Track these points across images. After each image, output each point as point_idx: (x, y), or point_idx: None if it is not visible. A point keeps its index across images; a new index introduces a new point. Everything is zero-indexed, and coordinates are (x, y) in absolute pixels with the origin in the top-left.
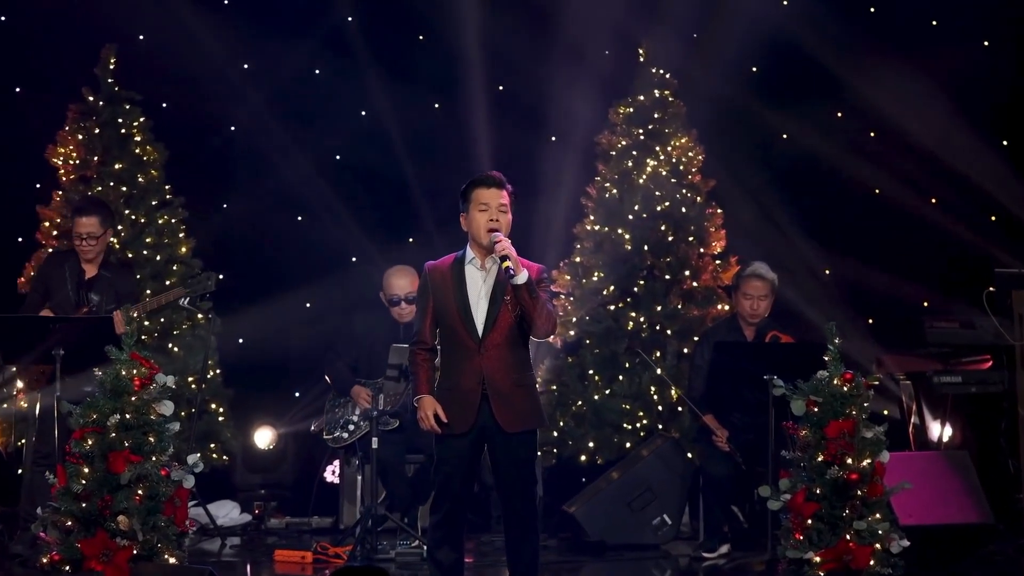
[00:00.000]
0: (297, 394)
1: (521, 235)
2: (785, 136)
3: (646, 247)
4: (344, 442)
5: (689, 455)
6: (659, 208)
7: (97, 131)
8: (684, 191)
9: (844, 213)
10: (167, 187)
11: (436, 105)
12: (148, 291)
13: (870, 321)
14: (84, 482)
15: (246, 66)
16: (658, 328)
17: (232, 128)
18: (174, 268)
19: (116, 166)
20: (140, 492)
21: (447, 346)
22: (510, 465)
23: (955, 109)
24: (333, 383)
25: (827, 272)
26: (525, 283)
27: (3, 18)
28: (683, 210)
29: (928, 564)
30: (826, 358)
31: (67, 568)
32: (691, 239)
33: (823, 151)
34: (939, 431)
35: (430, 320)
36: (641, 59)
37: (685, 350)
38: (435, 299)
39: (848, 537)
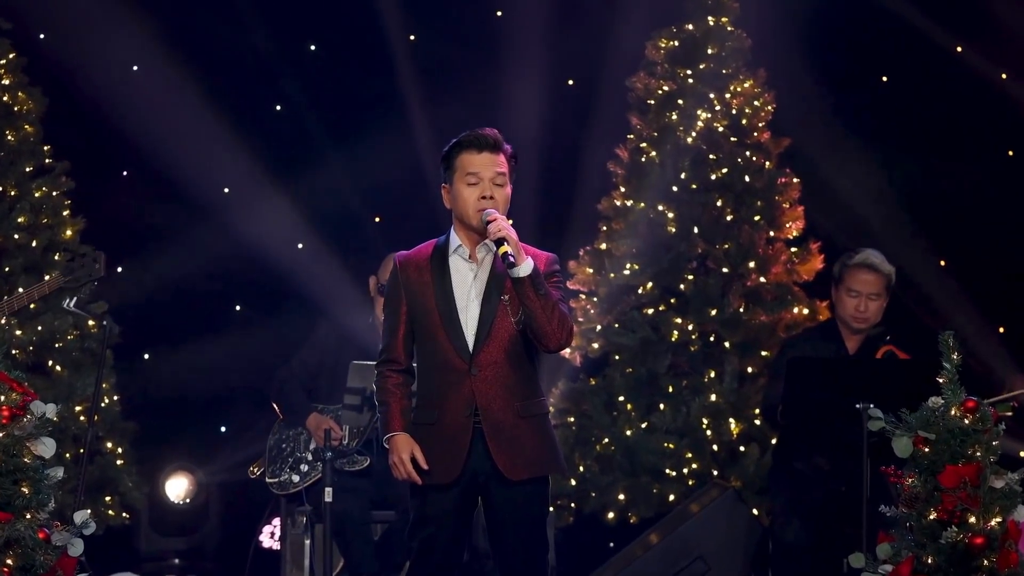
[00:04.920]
0: (223, 429)
1: (525, 213)
2: (885, 79)
3: (696, 229)
4: (295, 487)
5: (755, 511)
6: (714, 176)
7: None
8: (748, 153)
9: (966, 185)
10: (46, 148)
11: (411, 37)
12: (20, 288)
13: (1001, 330)
14: None
15: None
16: (712, 339)
17: (135, 68)
18: (55, 257)
19: None
20: (10, 562)
21: (426, 366)
22: (513, 525)
23: None
24: (283, 411)
25: (942, 264)
26: (530, 275)
27: None
28: (746, 179)
29: None
30: (941, 380)
31: None
32: (757, 218)
33: (936, 98)
34: None
35: (404, 331)
36: None
37: (749, 368)
38: (410, 303)
39: None
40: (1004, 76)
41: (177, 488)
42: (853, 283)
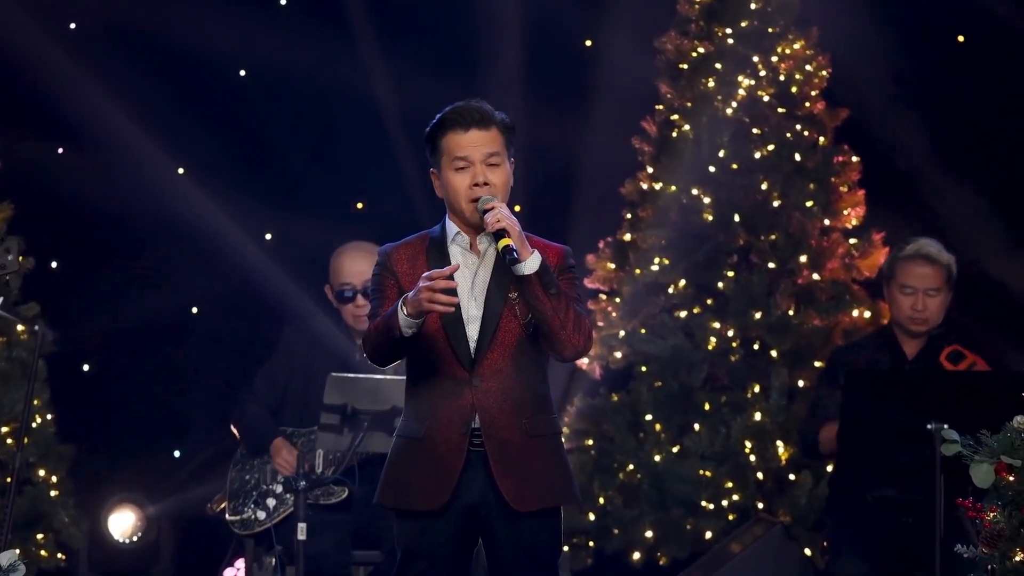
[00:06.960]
0: (177, 453)
1: (533, 198)
2: (961, 39)
3: (737, 217)
4: (261, 525)
5: (807, 551)
6: (758, 155)
7: None
8: (798, 127)
9: None
10: None
11: None
12: None
13: None
14: None
15: None
16: (757, 347)
17: (72, 26)
18: None
19: None
20: None
21: (420, 372)
22: (519, 565)
23: None
24: (243, 435)
25: None
26: (537, 272)
27: None
28: (797, 157)
29: None
30: None
31: None
32: (809, 204)
33: (1016, 64)
34: None
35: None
36: None
37: (800, 382)
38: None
39: None
40: None
41: (122, 524)
42: (907, 278)
